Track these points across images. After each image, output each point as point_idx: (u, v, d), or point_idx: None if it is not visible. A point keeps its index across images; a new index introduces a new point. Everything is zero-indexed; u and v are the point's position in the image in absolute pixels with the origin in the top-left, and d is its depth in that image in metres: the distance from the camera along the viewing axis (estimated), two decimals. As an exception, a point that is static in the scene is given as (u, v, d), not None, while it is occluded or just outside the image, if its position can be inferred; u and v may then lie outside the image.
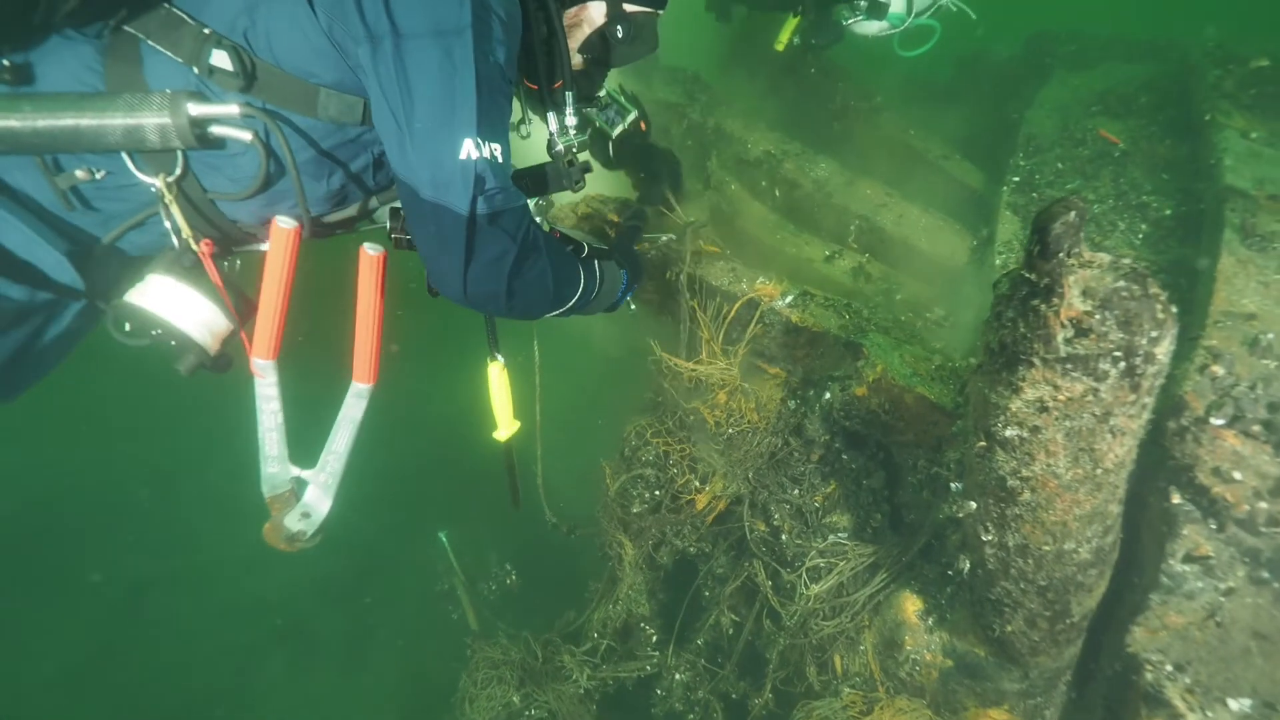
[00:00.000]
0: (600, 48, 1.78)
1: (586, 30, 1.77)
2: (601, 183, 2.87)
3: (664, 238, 2.49)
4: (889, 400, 2.42)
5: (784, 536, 2.89)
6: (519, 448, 2.25)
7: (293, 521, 1.67)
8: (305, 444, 1.79)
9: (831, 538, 2.79)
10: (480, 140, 1.37)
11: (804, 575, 2.68)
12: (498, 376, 2.08)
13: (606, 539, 3.52)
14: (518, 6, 1.54)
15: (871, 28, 3.69)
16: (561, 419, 3.64)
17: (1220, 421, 1.66)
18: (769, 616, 3.09)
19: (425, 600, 5.31)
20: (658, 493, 3.07)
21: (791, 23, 3.58)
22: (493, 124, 1.41)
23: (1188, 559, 1.81)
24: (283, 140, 1.49)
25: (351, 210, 1.80)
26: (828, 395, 2.58)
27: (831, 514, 2.85)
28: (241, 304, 1.66)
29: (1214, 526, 1.78)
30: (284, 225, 1.66)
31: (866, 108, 3.87)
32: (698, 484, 2.81)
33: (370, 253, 1.80)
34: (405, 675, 5.48)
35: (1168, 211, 2.99)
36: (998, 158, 3.74)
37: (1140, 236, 2.96)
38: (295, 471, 1.70)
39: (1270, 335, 1.91)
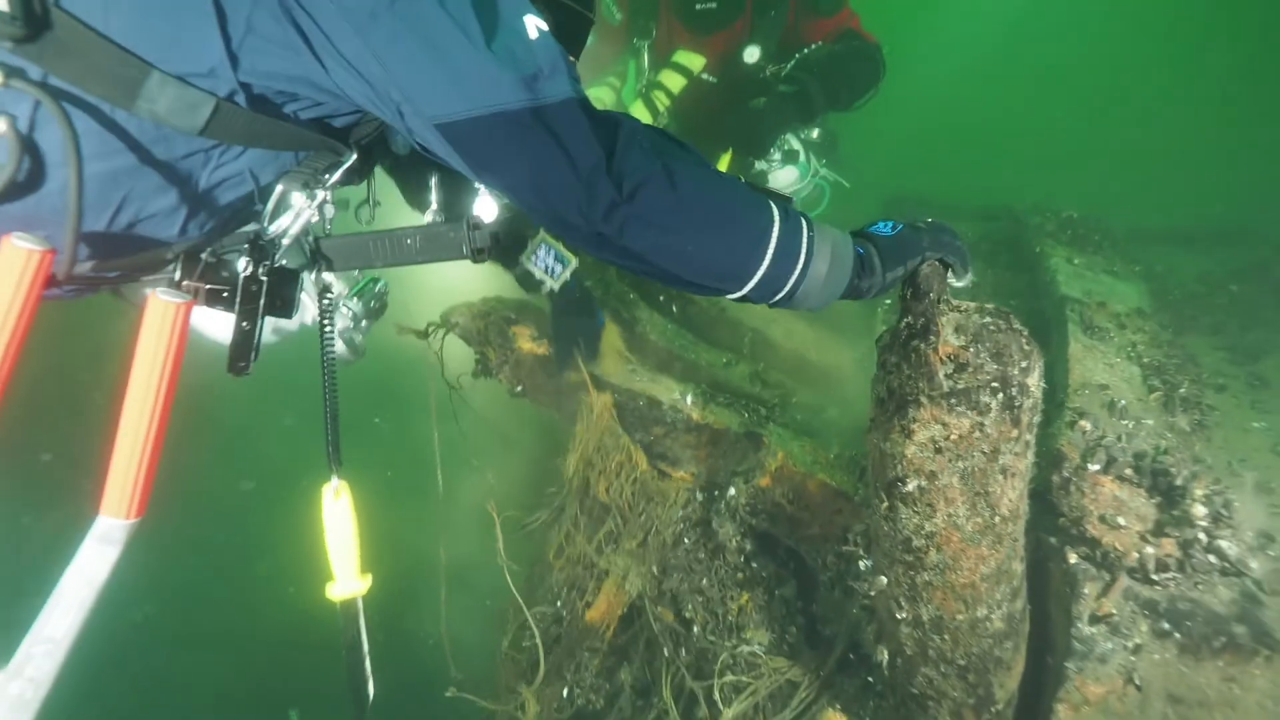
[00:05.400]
0: None
1: None
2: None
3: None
4: (792, 490, 2.39)
5: (695, 629, 2.65)
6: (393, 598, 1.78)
7: None
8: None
9: (744, 648, 2.59)
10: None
11: (717, 690, 2.43)
12: (335, 504, 1.50)
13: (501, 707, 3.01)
14: None
15: (781, 179, 4.00)
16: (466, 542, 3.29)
17: (1096, 467, 1.74)
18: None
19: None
20: (562, 616, 2.78)
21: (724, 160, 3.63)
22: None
23: (1094, 619, 1.79)
24: (68, 131, 0.98)
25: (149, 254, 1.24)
26: (732, 490, 2.52)
27: (746, 628, 2.66)
28: None
29: (1110, 581, 1.79)
30: (19, 244, 1.01)
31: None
32: (593, 585, 2.58)
33: (163, 300, 1.18)
34: None
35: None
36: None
37: (1000, 347, 3.26)
38: None
39: (1123, 401, 2.08)
